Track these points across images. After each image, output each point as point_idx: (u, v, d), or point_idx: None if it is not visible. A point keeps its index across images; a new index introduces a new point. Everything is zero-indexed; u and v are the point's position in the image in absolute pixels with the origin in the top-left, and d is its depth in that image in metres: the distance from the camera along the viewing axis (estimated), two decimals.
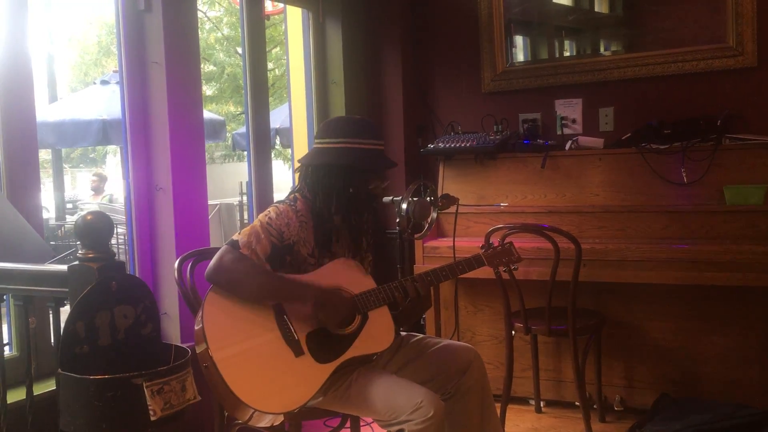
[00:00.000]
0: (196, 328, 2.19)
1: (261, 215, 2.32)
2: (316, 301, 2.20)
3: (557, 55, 4.13)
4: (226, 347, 2.12)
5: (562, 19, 4.17)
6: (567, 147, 3.76)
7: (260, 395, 2.10)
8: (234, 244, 2.22)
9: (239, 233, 2.26)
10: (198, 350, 2.15)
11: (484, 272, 2.52)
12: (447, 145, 3.81)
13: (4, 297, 2.14)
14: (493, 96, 4.10)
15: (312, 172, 2.37)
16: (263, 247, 2.23)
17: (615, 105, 3.83)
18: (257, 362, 2.14)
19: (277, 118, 7.71)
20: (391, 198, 2.91)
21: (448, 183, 3.89)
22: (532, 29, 4.18)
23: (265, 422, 2.23)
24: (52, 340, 2.16)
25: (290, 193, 2.43)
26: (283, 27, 4.33)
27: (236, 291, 2.20)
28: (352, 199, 2.34)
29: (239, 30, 4.26)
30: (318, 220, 2.35)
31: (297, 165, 2.47)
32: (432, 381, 2.34)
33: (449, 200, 3.07)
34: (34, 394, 2.02)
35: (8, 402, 2.10)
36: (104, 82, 8.29)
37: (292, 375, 2.16)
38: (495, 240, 3.03)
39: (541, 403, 3.61)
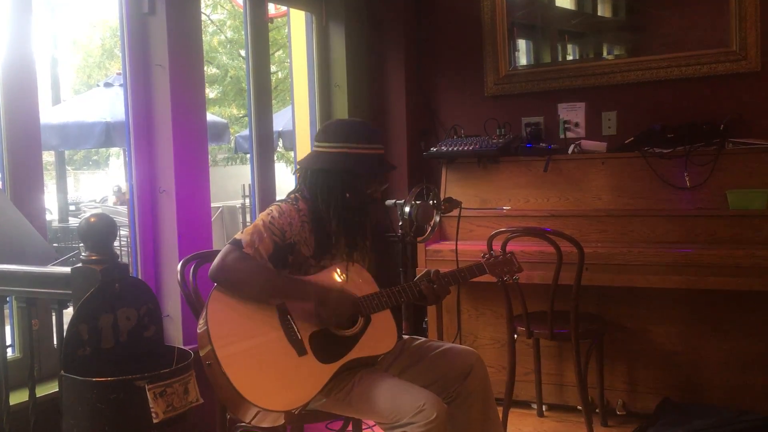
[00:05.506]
0: (199, 328, 2.19)
1: (263, 214, 2.33)
2: (317, 298, 2.22)
3: (560, 58, 4.13)
4: (230, 345, 2.13)
5: (565, 23, 4.17)
6: (570, 151, 3.76)
7: (263, 393, 2.11)
8: (237, 243, 2.22)
9: (242, 232, 2.27)
10: (201, 350, 2.15)
11: (487, 276, 2.52)
12: (450, 149, 3.81)
13: (8, 299, 2.14)
14: (496, 99, 4.10)
15: (311, 175, 2.38)
16: (266, 246, 2.24)
17: (618, 109, 3.83)
18: (260, 360, 2.15)
19: (280, 121, 7.72)
20: (393, 201, 2.92)
21: (450, 186, 3.89)
22: (535, 33, 4.18)
23: (266, 422, 2.23)
24: (55, 342, 2.17)
25: (290, 193, 2.44)
26: (287, 30, 4.34)
27: (239, 290, 2.21)
28: (351, 203, 2.36)
29: (242, 33, 4.27)
30: (318, 222, 2.36)
31: (297, 167, 2.48)
32: (434, 384, 2.34)
33: (452, 204, 3.07)
34: (37, 396, 2.02)
35: (11, 404, 2.11)
36: (107, 85, 8.31)
37: (295, 374, 2.17)
38: (497, 245, 3.03)
39: (543, 407, 3.60)
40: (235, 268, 2.19)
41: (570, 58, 4.14)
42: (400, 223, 2.86)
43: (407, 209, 2.83)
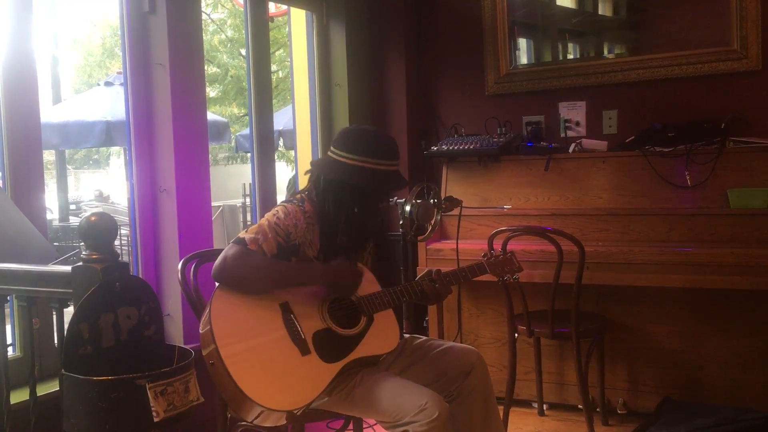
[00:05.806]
0: (202, 328, 2.18)
1: (269, 214, 2.32)
2: (321, 270, 2.24)
3: (561, 57, 4.13)
4: (234, 344, 2.12)
5: (566, 22, 4.17)
6: (570, 149, 3.75)
7: (266, 392, 2.10)
8: (240, 242, 2.21)
9: (245, 231, 2.26)
10: (204, 350, 2.15)
11: (487, 275, 2.52)
12: (450, 148, 3.81)
13: (8, 298, 2.14)
14: (496, 98, 4.10)
15: (324, 183, 2.36)
16: (270, 246, 2.23)
17: (619, 108, 3.83)
18: (264, 360, 2.15)
19: (280, 120, 7.72)
20: (394, 200, 2.91)
21: (451, 185, 3.89)
22: (536, 32, 4.18)
23: (269, 421, 2.23)
24: (56, 341, 2.17)
25: (297, 193, 2.43)
26: (287, 29, 4.33)
27: (244, 285, 2.21)
28: (360, 215, 2.35)
29: (243, 32, 4.27)
30: (323, 225, 2.35)
31: (309, 167, 2.44)
32: (435, 383, 2.34)
33: (453, 202, 3.08)
34: (38, 395, 2.02)
35: (12, 403, 2.10)
36: (108, 84, 8.31)
37: (299, 373, 2.17)
38: (498, 244, 3.03)
39: (544, 406, 3.60)
40: (237, 264, 2.19)
41: (571, 56, 4.14)
42: (401, 222, 2.86)
43: (408, 208, 2.83)
